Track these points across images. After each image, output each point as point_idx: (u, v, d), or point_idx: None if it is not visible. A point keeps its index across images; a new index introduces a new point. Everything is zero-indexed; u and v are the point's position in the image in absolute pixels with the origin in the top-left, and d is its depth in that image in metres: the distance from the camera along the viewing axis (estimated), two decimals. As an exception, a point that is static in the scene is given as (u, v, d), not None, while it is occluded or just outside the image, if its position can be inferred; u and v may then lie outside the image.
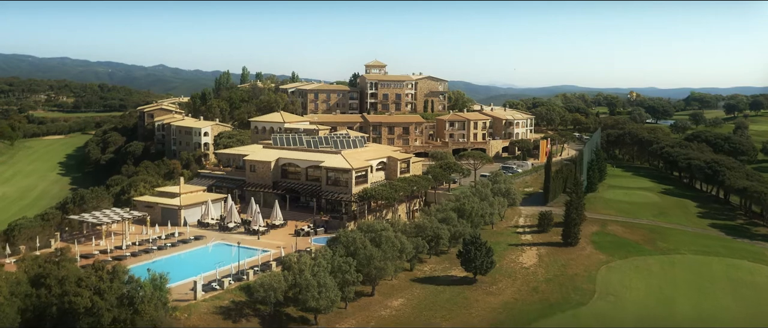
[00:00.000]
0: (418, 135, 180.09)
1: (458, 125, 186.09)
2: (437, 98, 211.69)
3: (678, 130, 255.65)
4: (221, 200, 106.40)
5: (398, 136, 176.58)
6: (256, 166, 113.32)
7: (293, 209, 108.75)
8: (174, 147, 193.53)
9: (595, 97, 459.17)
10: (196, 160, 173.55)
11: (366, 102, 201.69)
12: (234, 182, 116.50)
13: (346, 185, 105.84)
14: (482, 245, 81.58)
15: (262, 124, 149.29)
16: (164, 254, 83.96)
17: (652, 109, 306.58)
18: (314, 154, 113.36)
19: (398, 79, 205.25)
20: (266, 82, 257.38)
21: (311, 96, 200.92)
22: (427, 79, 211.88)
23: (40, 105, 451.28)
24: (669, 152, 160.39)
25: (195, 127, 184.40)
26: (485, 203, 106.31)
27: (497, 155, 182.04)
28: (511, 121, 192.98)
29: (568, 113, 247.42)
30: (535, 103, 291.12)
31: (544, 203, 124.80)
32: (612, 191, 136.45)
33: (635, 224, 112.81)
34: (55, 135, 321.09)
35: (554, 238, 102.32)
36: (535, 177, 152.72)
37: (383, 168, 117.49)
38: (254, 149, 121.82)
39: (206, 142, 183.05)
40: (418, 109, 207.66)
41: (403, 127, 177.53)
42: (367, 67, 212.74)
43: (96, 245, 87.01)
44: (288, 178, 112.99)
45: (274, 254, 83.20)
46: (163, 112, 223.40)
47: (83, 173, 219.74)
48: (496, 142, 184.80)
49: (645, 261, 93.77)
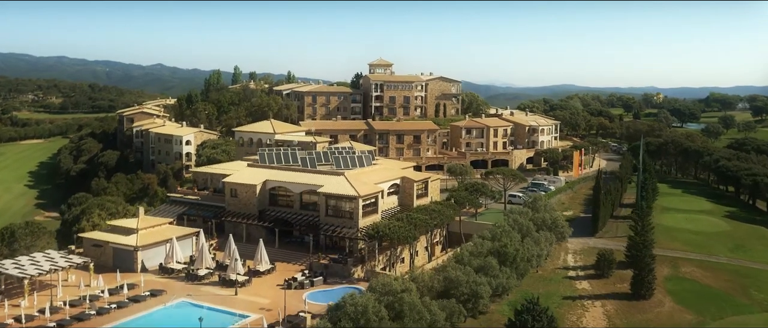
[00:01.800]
0: (431, 144, 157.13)
1: (476, 133, 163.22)
2: (450, 101, 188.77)
3: (711, 135, 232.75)
4: (192, 236, 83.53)
5: (408, 146, 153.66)
6: (238, 190, 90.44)
7: (284, 246, 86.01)
8: (153, 157, 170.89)
9: (608, 97, 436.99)
10: (176, 174, 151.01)
11: (370, 106, 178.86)
12: (211, 209, 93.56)
13: (352, 216, 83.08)
14: (542, 313, 58.72)
15: (249, 134, 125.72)
16: (105, 323, 61.19)
17: (677, 111, 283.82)
18: (311, 176, 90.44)
19: (406, 80, 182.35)
20: (259, 82, 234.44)
21: (308, 99, 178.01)
22: (439, 80, 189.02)
23: (27, 106, 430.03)
24: (726, 167, 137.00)
25: (176, 135, 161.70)
26: (529, 240, 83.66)
27: (521, 167, 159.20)
28: (536, 128, 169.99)
29: (592, 117, 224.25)
30: (552, 105, 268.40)
31: (592, 232, 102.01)
32: (670, 216, 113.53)
33: (713, 263, 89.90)
34: (33, 139, 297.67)
35: (619, 286, 79.54)
36: (572, 197, 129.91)
37: (396, 191, 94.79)
38: (237, 167, 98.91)
39: (188, 153, 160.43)
40: (429, 114, 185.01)
41: (414, 136, 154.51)
42: (371, 66, 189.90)
43: (12, 307, 64.02)
44: (278, 205, 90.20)
45: (253, 323, 60.63)
46: (145, 116, 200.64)
47: (54, 184, 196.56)
48: (520, 153, 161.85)
49: (746, 322, 71.17)
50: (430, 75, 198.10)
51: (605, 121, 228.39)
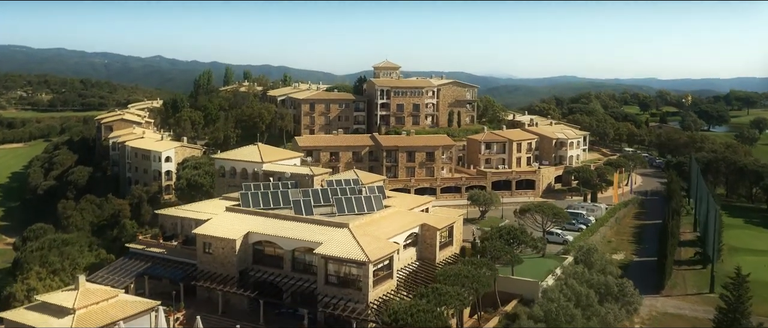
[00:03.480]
0: (446, 161, 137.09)
1: (497, 148, 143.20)
2: (464, 109, 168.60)
3: (746, 141, 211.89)
4: (150, 312, 63.61)
5: (420, 165, 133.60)
6: (214, 245, 70.56)
7: (271, 321, 66.42)
8: (129, 173, 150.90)
9: (622, 94, 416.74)
10: (151, 199, 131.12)
11: (375, 114, 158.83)
12: (179, 267, 73.61)
13: (359, 286, 63.28)
14: None
15: (231, 163, 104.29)
16: None
17: (704, 113, 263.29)
18: (305, 228, 70.32)
19: (415, 86, 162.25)
20: (252, 85, 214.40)
21: (306, 107, 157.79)
22: (452, 85, 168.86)
23: (15, 103, 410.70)
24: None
25: (154, 151, 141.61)
26: (589, 313, 63.97)
27: (549, 188, 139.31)
28: (564, 141, 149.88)
29: (622, 124, 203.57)
30: (570, 107, 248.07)
31: (657, 287, 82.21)
32: (743, 259, 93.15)
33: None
34: (12, 144, 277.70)
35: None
36: (617, 231, 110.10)
37: (414, 242, 75.09)
38: (213, 210, 78.81)
39: (168, 171, 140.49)
40: (441, 123, 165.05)
41: (427, 153, 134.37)
42: (376, 69, 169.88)
43: None
44: (263, 264, 70.37)
45: None
46: (124, 123, 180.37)
47: (23, 201, 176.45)
48: (547, 170, 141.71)
49: None
50: (442, 79, 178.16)
51: (633, 127, 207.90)
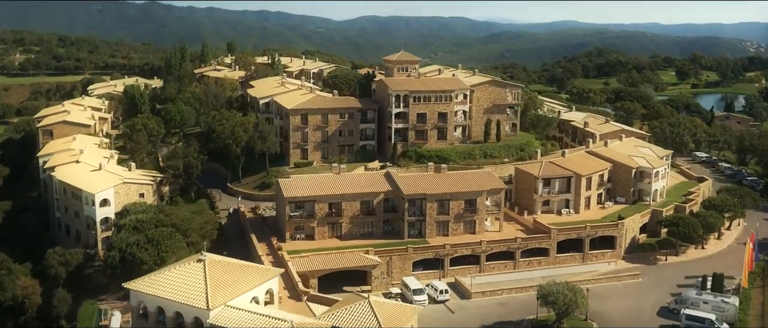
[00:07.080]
0: (493, 208, 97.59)
1: (560, 185, 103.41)
2: (504, 115, 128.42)
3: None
4: None
5: (455, 218, 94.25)
6: None
7: None
8: (59, 214, 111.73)
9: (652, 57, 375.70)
10: (79, 268, 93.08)
11: (389, 127, 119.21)
12: None
13: None
14: None
15: (157, 301, 55.14)
16: None
17: None
18: None
19: (442, 90, 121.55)
20: (232, 68, 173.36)
21: (296, 120, 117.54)
22: (490, 85, 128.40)
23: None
24: None
25: (86, 192, 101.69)
26: None
27: (633, 242, 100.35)
28: (647, 172, 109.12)
29: (693, 121, 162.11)
30: (617, 91, 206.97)
31: None
32: None
33: None
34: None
35: None
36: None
37: None
38: None
39: (106, 218, 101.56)
40: (475, 135, 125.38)
41: (467, 201, 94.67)
42: (388, 63, 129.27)
43: None
44: None
45: None
46: (67, 127, 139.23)
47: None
48: (632, 222, 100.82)
49: None
50: (473, 74, 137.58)
51: (702, 123, 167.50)
